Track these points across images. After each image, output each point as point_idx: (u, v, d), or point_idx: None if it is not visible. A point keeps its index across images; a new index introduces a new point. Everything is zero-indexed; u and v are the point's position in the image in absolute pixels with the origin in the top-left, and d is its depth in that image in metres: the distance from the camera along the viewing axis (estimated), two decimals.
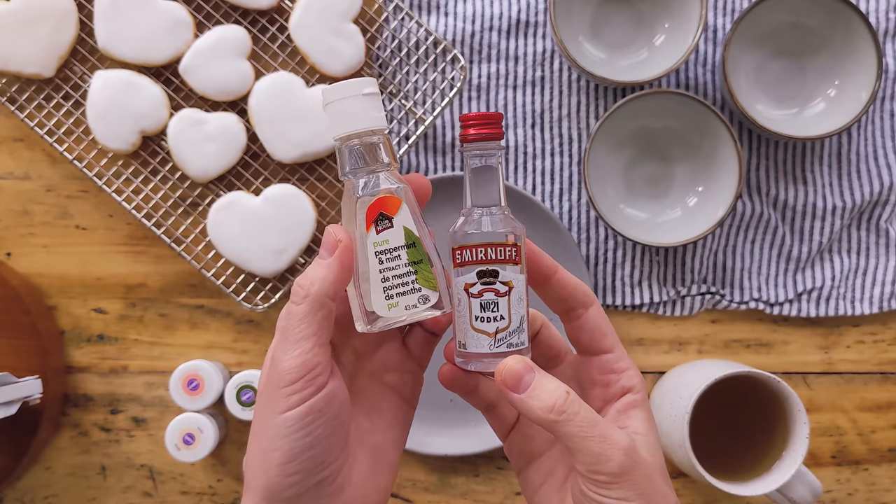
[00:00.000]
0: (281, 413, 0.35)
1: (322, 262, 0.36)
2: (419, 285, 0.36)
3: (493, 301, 0.37)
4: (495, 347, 0.37)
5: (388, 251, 0.36)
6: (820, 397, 0.73)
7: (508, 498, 0.73)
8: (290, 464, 0.35)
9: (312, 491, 0.36)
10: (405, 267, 0.36)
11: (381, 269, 0.36)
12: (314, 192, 0.71)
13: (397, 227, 0.36)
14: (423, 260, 0.37)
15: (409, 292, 0.36)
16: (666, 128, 0.70)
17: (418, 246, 0.37)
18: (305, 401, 0.35)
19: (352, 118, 0.37)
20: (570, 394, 0.35)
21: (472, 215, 0.38)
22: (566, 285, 0.39)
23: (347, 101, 0.37)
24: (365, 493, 0.39)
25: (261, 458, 0.36)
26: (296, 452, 0.35)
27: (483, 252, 0.37)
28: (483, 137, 0.38)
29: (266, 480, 0.36)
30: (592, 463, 0.34)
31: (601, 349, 0.40)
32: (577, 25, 0.70)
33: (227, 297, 0.72)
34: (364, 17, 0.71)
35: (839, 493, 0.72)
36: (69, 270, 0.73)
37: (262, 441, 0.36)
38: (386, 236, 0.36)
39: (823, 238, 0.72)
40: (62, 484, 0.73)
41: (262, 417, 0.36)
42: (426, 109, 0.71)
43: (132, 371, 0.73)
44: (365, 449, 0.40)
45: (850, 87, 0.68)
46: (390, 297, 0.36)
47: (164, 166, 0.71)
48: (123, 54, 0.68)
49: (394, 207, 0.36)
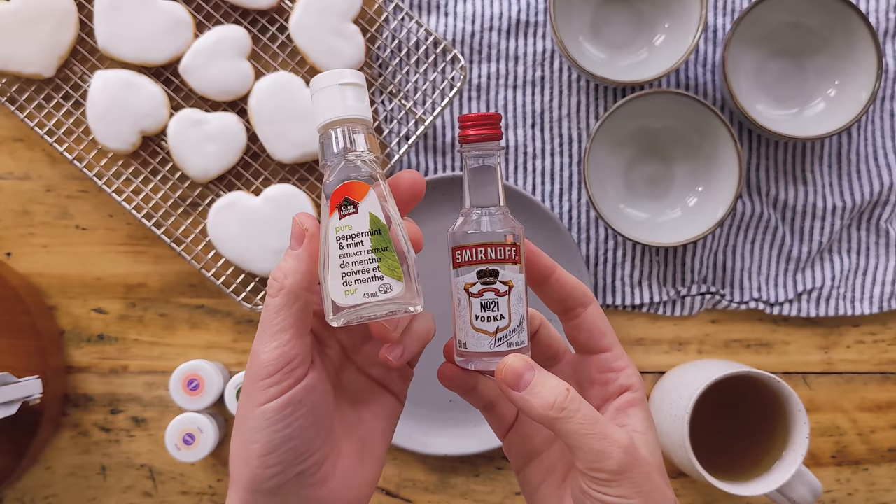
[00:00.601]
0: (260, 405, 0.35)
1: (293, 252, 0.36)
2: (381, 273, 0.34)
3: (493, 300, 0.37)
4: (496, 346, 0.37)
5: (350, 237, 0.35)
6: (820, 397, 0.73)
7: (508, 498, 0.73)
8: (270, 455, 0.35)
9: (293, 482, 0.36)
10: (367, 254, 0.34)
11: (340, 255, 0.35)
12: (314, 192, 0.71)
13: (362, 212, 0.35)
14: (388, 248, 0.35)
15: (370, 280, 0.34)
16: (666, 128, 0.70)
17: (384, 233, 0.35)
18: (284, 393, 0.35)
19: (329, 107, 0.37)
20: (571, 391, 0.35)
21: (472, 215, 0.38)
22: (565, 285, 0.39)
23: (326, 91, 0.37)
24: (350, 484, 0.39)
25: (242, 450, 0.36)
26: (275, 444, 0.35)
27: (483, 252, 0.37)
28: (482, 138, 0.38)
29: (248, 472, 0.36)
30: (593, 460, 0.34)
31: (599, 348, 0.40)
32: (577, 25, 0.70)
33: (227, 297, 0.72)
34: (364, 17, 0.71)
35: (839, 493, 0.72)
36: (69, 270, 0.73)
37: (242, 433, 0.36)
38: (349, 221, 0.35)
39: (823, 238, 0.72)
40: (62, 484, 0.73)
41: (243, 410, 0.36)
42: (426, 109, 0.71)
43: (132, 371, 0.73)
44: (351, 440, 0.40)
45: (850, 87, 0.68)
46: (348, 283, 0.34)
47: (164, 166, 0.71)
48: (123, 54, 0.68)
49: (360, 193, 0.35)
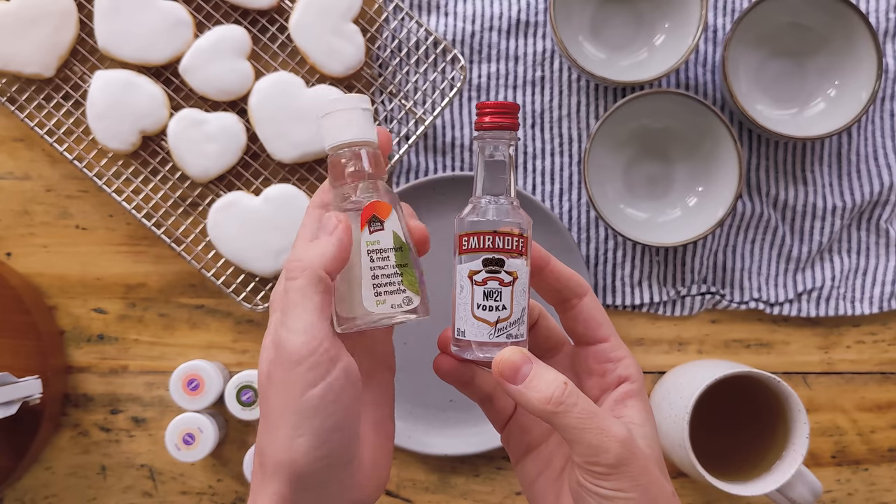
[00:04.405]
0: (302, 395, 0.34)
1: (319, 240, 0.36)
2: (404, 287, 0.38)
3: (496, 290, 0.37)
4: (495, 337, 0.37)
5: (379, 251, 0.38)
6: (820, 397, 0.73)
7: (508, 498, 0.73)
8: (320, 448, 0.34)
9: (340, 473, 0.36)
10: (393, 268, 0.38)
11: (371, 267, 0.37)
12: (314, 192, 0.71)
13: (387, 230, 0.38)
14: (408, 265, 0.38)
15: (396, 292, 0.38)
16: (666, 128, 0.70)
17: (405, 251, 0.38)
18: (323, 378, 0.34)
19: (347, 129, 0.38)
20: (569, 385, 0.35)
21: (481, 203, 0.38)
22: (560, 276, 0.39)
23: (345, 114, 0.38)
24: (376, 465, 0.39)
25: (286, 446, 0.34)
26: (323, 436, 0.34)
27: (490, 240, 0.37)
28: (498, 126, 0.38)
29: (293, 469, 0.34)
30: (590, 454, 0.34)
31: (597, 338, 0.40)
32: (577, 25, 0.70)
33: (227, 297, 0.72)
34: (364, 17, 0.71)
35: (839, 493, 0.72)
36: (69, 270, 0.73)
37: (284, 429, 0.34)
38: (377, 237, 0.38)
39: (823, 238, 0.72)
40: (62, 484, 0.73)
41: (279, 404, 0.34)
42: (426, 109, 0.71)
43: (132, 371, 0.73)
44: (368, 424, 0.40)
45: (850, 87, 0.68)
46: (379, 293, 0.37)
47: (164, 166, 0.71)
48: (123, 54, 0.68)
49: (385, 212, 0.38)
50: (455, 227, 0.38)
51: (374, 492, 0.39)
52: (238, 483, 0.72)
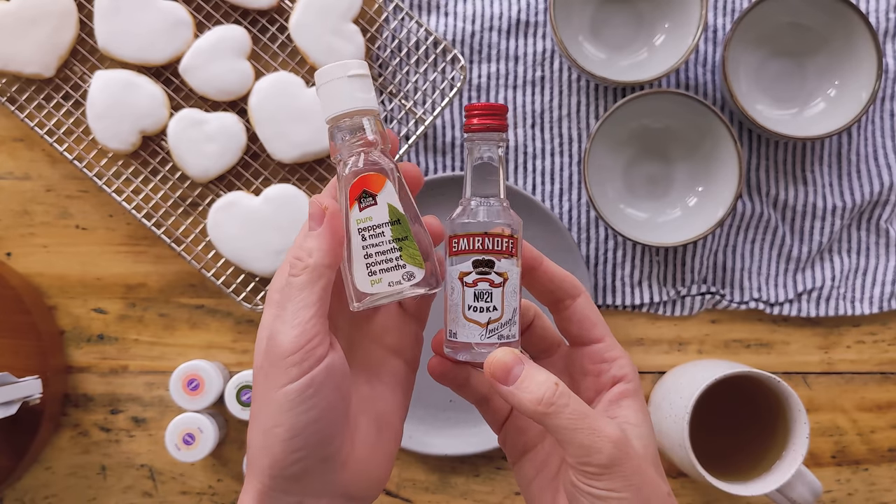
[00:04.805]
0: (281, 387, 0.34)
1: (313, 232, 0.36)
2: (403, 262, 0.36)
3: (487, 291, 0.37)
4: (486, 338, 0.37)
5: (372, 228, 0.36)
6: (820, 397, 0.73)
7: (508, 498, 0.73)
8: (295, 439, 0.34)
9: (318, 467, 0.36)
10: (389, 244, 0.36)
11: (363, 246, 0.36)
12: (314, 192, 0.71)
13: (381, 203, 0.36)
14: (407, 237, 0.36)
15: (393, 269, 0.36)
16: (666, 128, 0.70)
17: (403, 223, 0.36)
18: (305, 373, 0.34)
19: (339, 99, 0.37)
20: (560, 385, 0.35)
21: (471, 205, 0.38)
22: (553, 277, 0.39)
23: (335, 83, 0.37)
24: (370, 462, 0.39)
25: (263, 436, 0.35)
26: (299, 427, 0.34)
27: (480, 241, 0.37)
28: (486, 128, 0.38)
29: (270, 458, 0.35)
30: (582, 455, 0.34)
31: (591, 339, 0.40)
32: (577, 25, 0.70)
33: (227, 297, 0.72)
34: (364, 17, 0.71)
35: (839, 493, 0.72)
36: (69, 270, 0.73)
37: (263, 419, 0.35)
38: (369, 213, 0.36)
39: (823, 238, 0.72)
40: (62, 484, 0.73)
41: (262, 395, 0.35)
42: (426, 109, 0.71)
43: (132, 371, 0.73)
44: (368, 417, 0.39)
45: (850, 87, 0.68)
46: (373, 272, 0.36)
47: (164, 166, 0.71)
48: (123, 54, 0.68)
49: (377, 185, 0.36)
50: (446, 229, 0.38)
51: (369, 489, 0.39)
52: (238, 483, 0.72)
